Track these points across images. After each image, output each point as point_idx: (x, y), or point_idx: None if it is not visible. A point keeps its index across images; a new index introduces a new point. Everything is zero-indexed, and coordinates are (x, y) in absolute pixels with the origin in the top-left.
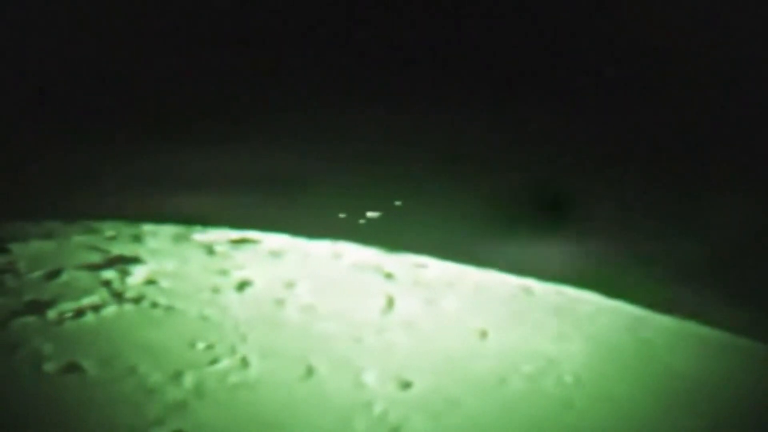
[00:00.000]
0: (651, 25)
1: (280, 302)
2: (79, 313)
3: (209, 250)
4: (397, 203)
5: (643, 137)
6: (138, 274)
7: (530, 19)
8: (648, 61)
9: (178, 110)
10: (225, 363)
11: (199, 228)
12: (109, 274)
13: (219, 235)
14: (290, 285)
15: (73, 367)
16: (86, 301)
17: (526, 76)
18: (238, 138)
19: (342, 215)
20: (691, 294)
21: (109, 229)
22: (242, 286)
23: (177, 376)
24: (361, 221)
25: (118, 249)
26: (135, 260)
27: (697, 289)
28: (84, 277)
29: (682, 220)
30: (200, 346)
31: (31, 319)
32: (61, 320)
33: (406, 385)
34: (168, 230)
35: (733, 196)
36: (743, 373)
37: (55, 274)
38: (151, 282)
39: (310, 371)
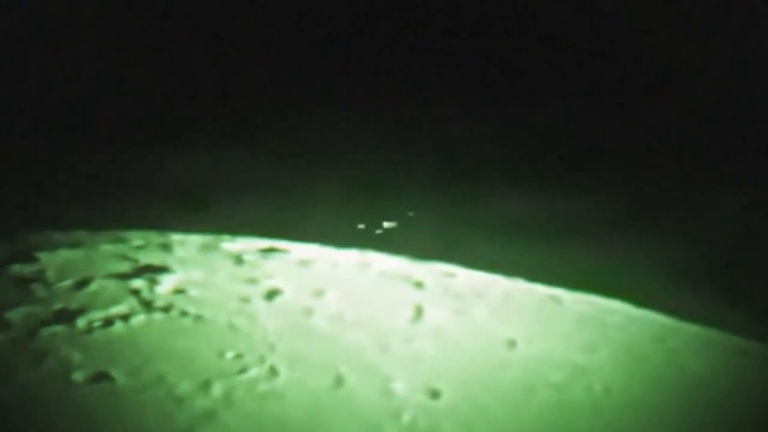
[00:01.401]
0: (650, 25)
1: (308, 311)
2: (108, 322)
3: (238, 259)
4: (410, 213)
5: (643, 137)
6: (167, 284)
7: (535, 23)
8: (648, 61)
9: (200, 117)
10: (254, 372)
11: (227, 237)
12: (137, 283)
13: (247, 245)
14: (319, 294)
15: (101, 376)
16: (115, 310)
17: (532, 78)
18: (262, 145)
19: (361, 226)
20: (703, 299)
21: (137, 238)
22: (271, 295)
23: (205, 385)
24: (378, 231)
25: (146, 258)
26: (163, 269)
27: (704, 292)
28: (113, 287)
29: (685, 222)
30: (229, 355)
31: (59, 328)
32: (89, 329)
33: (435, 394)
34: (196, 239)
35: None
36: None
37: (83, 283)
38: (179, 291)
39: (338, 380)
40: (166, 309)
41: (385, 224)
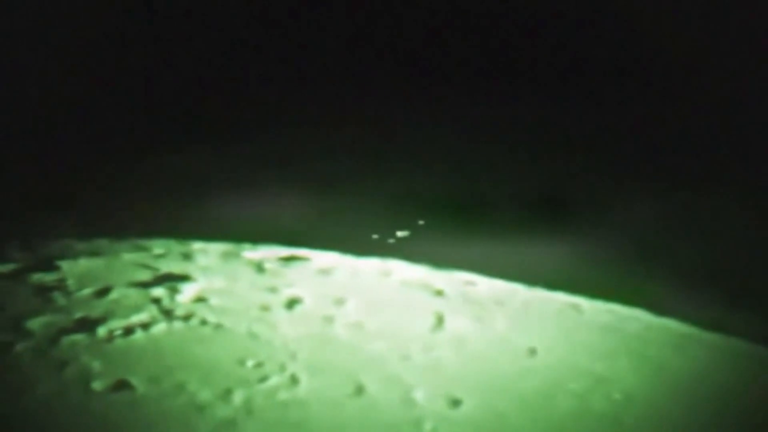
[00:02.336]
0: (650, 23)
1: (329, 320)
2: (129, 330)
3: (259, 267)
4: (421, 222)
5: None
6: (187, 292)
7: (535, 23)
8: (650, 61)
9: (205, 118)
10: (274, 380)
11: (248, 245)
12: (158, 291)
13: (268, 253)
14: (339, 302)
15: (122, 385)
16: (135, 318)
17: (537, 81)
18: (282, 153)
19: (375, 236)
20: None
21: (158, 246)
22: (291, 303)
23: (226, 393)
24: (391, 240)
25: (167, 266)
26: (184, 278)
27: (719, 298)
28: (133, 295)
29: (691, 224)
30: (249, 363)
31: (80, 337)
32: (110, 338)
33: (456, 403)
34: (217, 248)
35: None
36: None
37: (104, 291)
38: (200, 299)
39: (359, 389)
40: (187, 317)
41: (399, 233)
